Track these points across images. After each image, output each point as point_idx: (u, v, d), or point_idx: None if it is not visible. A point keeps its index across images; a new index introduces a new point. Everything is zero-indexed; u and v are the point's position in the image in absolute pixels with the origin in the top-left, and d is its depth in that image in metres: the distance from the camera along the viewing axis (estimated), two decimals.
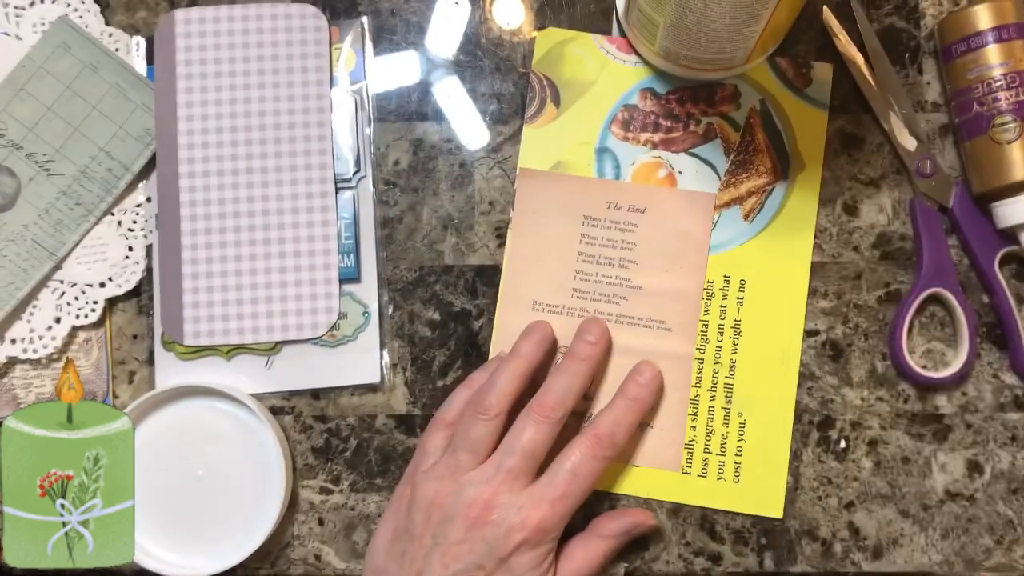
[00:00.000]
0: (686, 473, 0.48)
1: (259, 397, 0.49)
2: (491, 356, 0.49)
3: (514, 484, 0.42)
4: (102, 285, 0.49)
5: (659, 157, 0.50)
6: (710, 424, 0.48)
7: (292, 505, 0.49)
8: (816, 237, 0.49)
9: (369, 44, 0.51)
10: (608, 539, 0.45)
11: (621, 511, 0.47)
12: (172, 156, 0.49)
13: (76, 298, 0.49)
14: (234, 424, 0.48)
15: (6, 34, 0.49)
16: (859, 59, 0.49)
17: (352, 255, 0.49)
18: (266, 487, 0.48)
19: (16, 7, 0.49)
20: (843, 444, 0.49)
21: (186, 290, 0.48)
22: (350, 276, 0.49)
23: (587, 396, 0.48)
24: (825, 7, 0.49)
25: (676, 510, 0.49)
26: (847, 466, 0.49)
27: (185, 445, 0.48)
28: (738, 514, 0.48)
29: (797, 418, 0.49)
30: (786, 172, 0.49)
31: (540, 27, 0.50)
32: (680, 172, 0.50)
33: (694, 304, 0.49)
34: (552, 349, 0.48)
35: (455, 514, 0.42)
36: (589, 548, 0.45)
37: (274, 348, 0.49)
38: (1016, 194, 0.46)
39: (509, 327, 0.49)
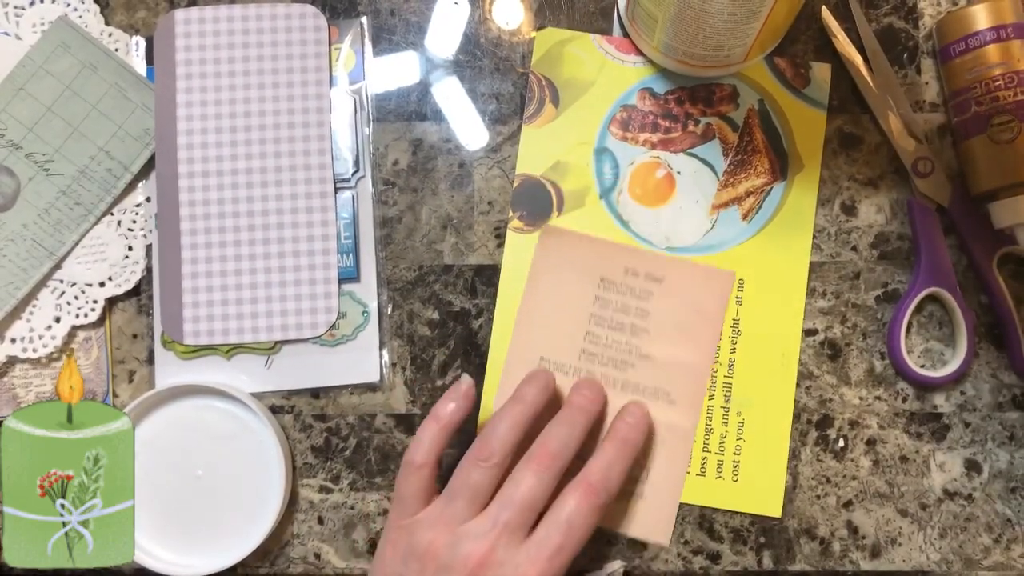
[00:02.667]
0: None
1: (259, 396, 0.49)
2: (489, 362, 0.49)
3: (511, 539, 0.41)
4: (102, 284, 0.49)
5: (657, 157, 0.50)
6: (709, 423, 0.48)
7: (292, 504, 0.49)
8: (814, 237, 0.49)
9: (368, 44, 0.51)
10: None
11: None
12: (172, 156, 0.49)
13: (76, 297, 0.49)
14: (234, 423, 0.48)
15: (6, 34, 0.49)
16: (857, 59, 0.49)
17: (351, 255, 0.49)
18: (266, 486, 0.48)
19: (16, 7, 0.49)
20: (841, 443, 0.49)
21: (186, 289, 0.49)
22: (349, 275, 0.49)
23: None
24: (824, 7, 0.49)
25: None
26: (845, 465, 0.49)
27: (185, 444, 0.48)
28: (737, 513, 0.48)
29: (796, 417, 0.49)
30: (784, 172, 0.50)
31: (539, 27, 0.51)
32: (679, 172, 0.50)
33: (701, 379, 0.48)
34: (554, 401, 0.46)
35: (453, 565, 0.40)
36: None
37: (274, 347, 0.49)
38: (1014, 194, 0.46)
39: (515, 379, 0.47)
